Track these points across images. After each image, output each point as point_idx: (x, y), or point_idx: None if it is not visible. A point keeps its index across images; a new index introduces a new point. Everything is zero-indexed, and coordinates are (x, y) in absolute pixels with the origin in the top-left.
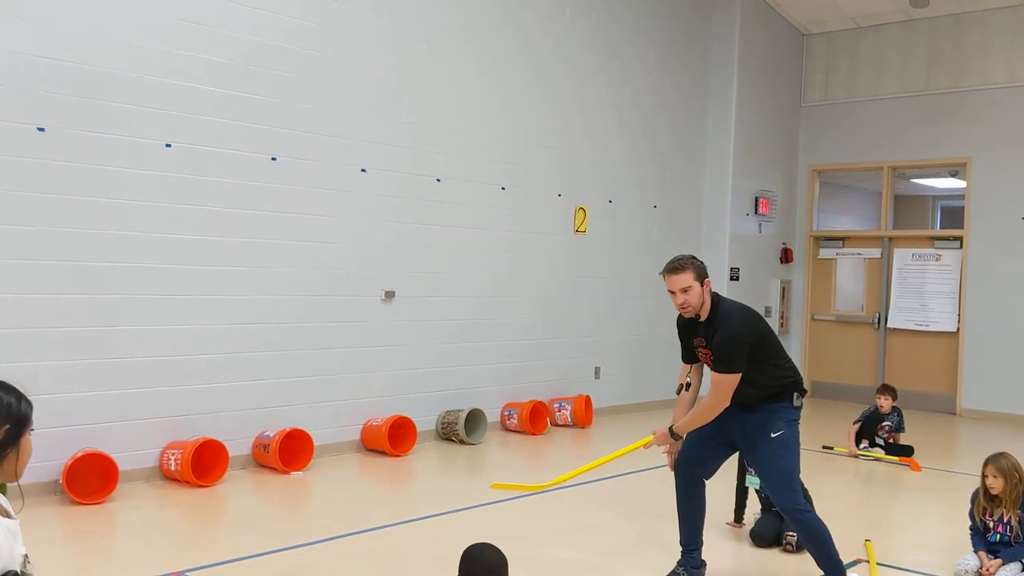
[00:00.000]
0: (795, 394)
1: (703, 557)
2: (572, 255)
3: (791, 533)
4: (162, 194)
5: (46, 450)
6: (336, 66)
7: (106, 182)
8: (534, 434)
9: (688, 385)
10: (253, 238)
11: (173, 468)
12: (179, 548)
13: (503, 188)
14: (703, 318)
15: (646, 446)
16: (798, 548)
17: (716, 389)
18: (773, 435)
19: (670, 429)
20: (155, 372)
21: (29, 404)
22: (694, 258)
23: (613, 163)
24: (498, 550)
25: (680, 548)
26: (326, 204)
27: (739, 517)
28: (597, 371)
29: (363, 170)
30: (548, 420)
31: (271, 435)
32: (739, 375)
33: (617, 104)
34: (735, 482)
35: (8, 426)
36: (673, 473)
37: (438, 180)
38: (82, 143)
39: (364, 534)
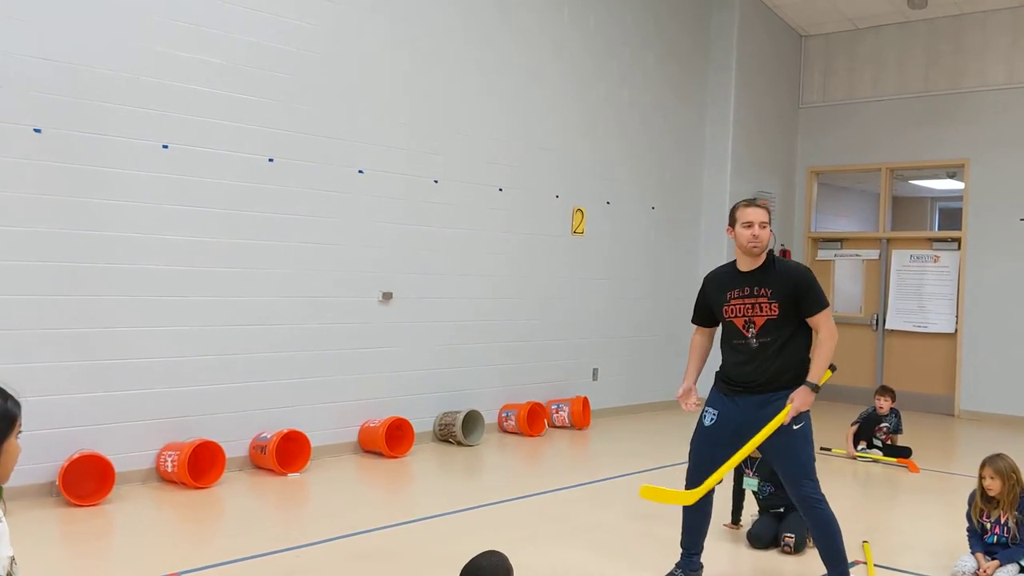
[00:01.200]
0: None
1: (701, 561)
2: (570, 256)
3: (789, 535)
4: (159, 195)
5: (42, 452)
6: (334, 67)
7: (103, 183)
8: (532, 436)
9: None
10: (250, 239)
11: (170, 470)
12: (176, 550)
13: (501, 189)
14: (757, 264)
15: (787, 417)
16: (796, 549)
17: (826, 324)
18: (795, 427)
19: (811, 385)
20: (152, 374)
21: (17, 404)
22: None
23: (611, 164)
24: (502, 558)
25: (680, 550)
26: (324, 205)
27: (736, 519)
28: (595, 373)
29: (361, 171)
30: (546, 422)
31: (268, 436)
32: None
33: (615, 105)
34: (732, 484)
35: None
36: (684, 479)
37: (436, 181)
38: (78, 144)
39: (361, 536)
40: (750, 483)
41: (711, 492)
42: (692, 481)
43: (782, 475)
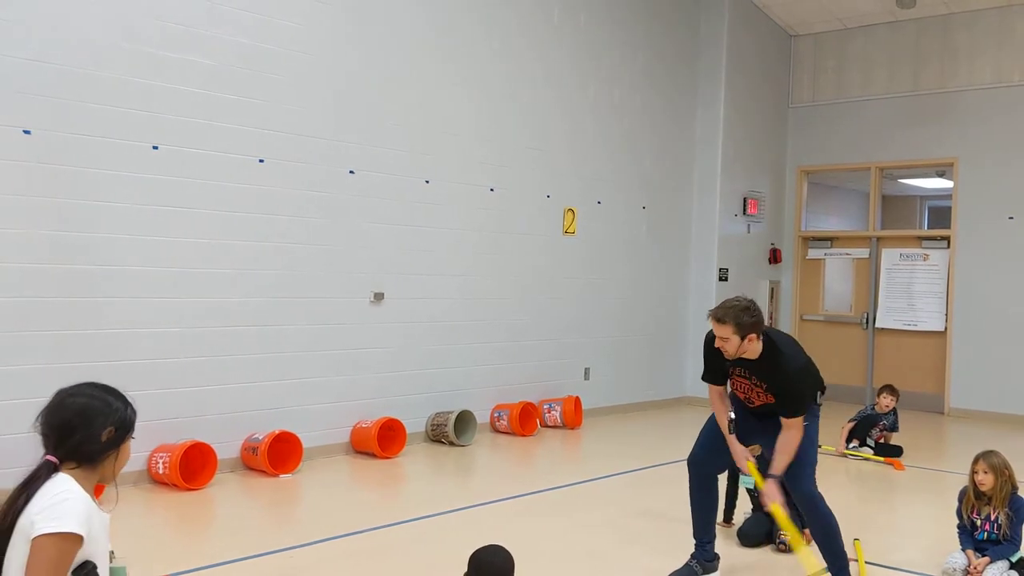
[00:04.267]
0: (818, 392)
1: (716, 551)
2: (561, 256)
3: (784, 531)
4: (149, 196)
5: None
6: (323, 68)
7: (93, 184)
8: (524, 435)
9: (733, 421)
10: (241, 240)
11: (161, 471)
12: (168, 552)
13: (492, 189)
14: (751, 358)
15: (781, 512)
16: (790, 548)
17: (796, 425)
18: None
19: (773, 477)
20: (143, 375)
21: (134, 411)
22: (744, 311)
23: (602, 164)
24: (506, 554)
25: (693, 541)
26: (314, 206)
27: (728, 517)
28: (587, 372)
29: (351, 172)
30: (538, 421)
31: (260, 438)
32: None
33: (606, 105)
34: (727, 483)
35: (114, 428)
36: (687, 469)
37: (427, 182)
38: (68, 145)
39: (354, 536)
40: (746, 480)
41: (715, 480)
42: (691, 470)
43: (785, 473)
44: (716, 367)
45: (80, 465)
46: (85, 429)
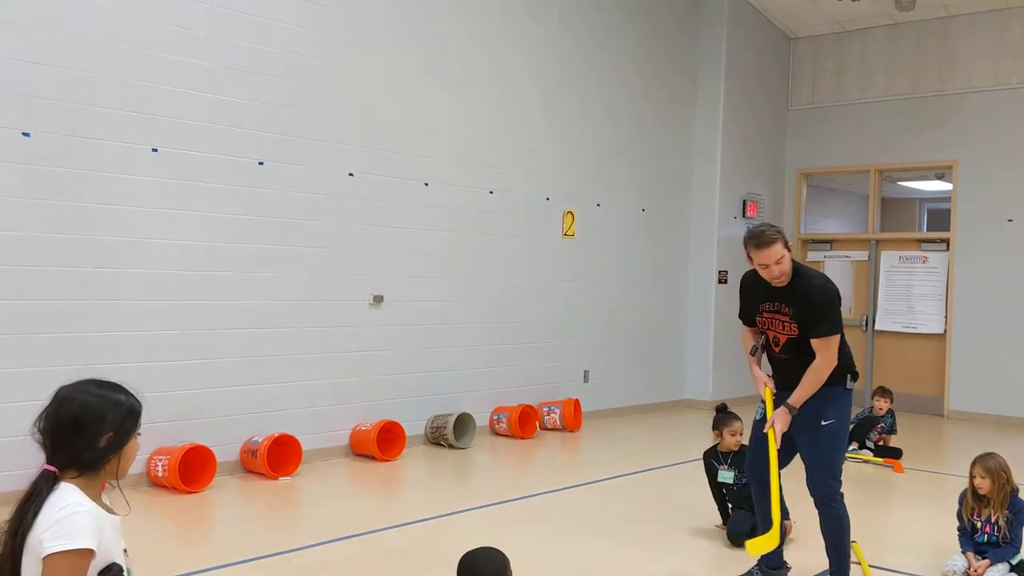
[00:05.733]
0: (848, 376)
1: (787, 561)
2: (560, 259)
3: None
4: (148, 199)
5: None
6: (324, 71)
7: (92, 187)
8: (523, 438)
9: (761, 346)
10: (240, 243)
11: (160, 474)
12: (167, 555)
13: (491, 192)
14: (783, 284)
15: (775, 439)
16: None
17: (826, 351)
18: (824, 423)
19: (787, 406)
20: (142, 377)
21: (140, 405)
22: (772, 225)
23: (601, 167)
24: (496, 553)
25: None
26: (314, 208)
27: (726, 519)
28: (586, 375)
29: (351, 174)
30: (537, 424)
31: (259, 440)
32: (840, 334)
33: (605, 108)
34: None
35: (113, 433)
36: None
37: (426, 184)
38: (68, 148)
39: (353, 539)
40: (725, 476)
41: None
42: (752, 467)
43: (808, 466)
44: (751, 306)
45: (81, 473)
46: (83, 435)
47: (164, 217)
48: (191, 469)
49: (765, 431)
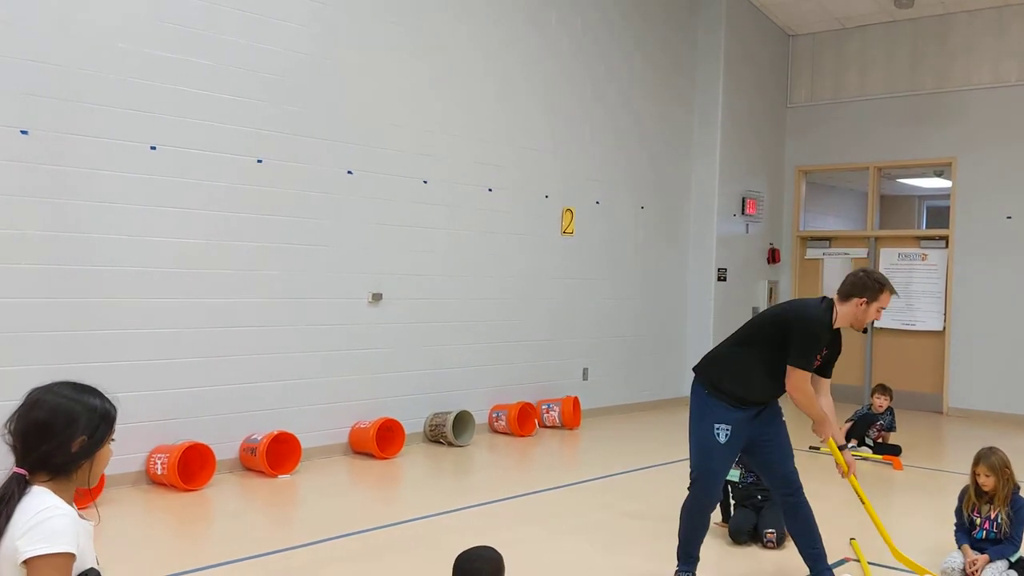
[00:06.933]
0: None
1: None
2: (560, 256)
3: (770, 530)
4: (147, 197)
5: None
6: (322, 68)
7: (90, 185)
8: (522, 436)
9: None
10: (239, 240)
11: (160, 472)
12: (166, 553)
13: (490, 190)
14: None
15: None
16: (778, 544)
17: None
18: (783, 419)
19: (843, 447)
20: (141, 375)
21: (114, 409)
22: None
23: (600, 164)
24: (491, 552)
25: (682, 556)
26: (313, 206)
27: (727, 516)
28: (585, 372)
29: (350, 172)
30: (536, 422)
31: (258, 438)
32: None
33: (603, 106)
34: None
35: (86, 438)
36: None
37: (425, 182)
38: (66, 146)
39: (352, 537)
40: (732, 474)
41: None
42: (707, 506)
43: (788, 459)
44: (819, 352)
45: (53, 477)
46: (54, 438)
47: (162, 215)
48: (190, 467)
49: (844, 476)
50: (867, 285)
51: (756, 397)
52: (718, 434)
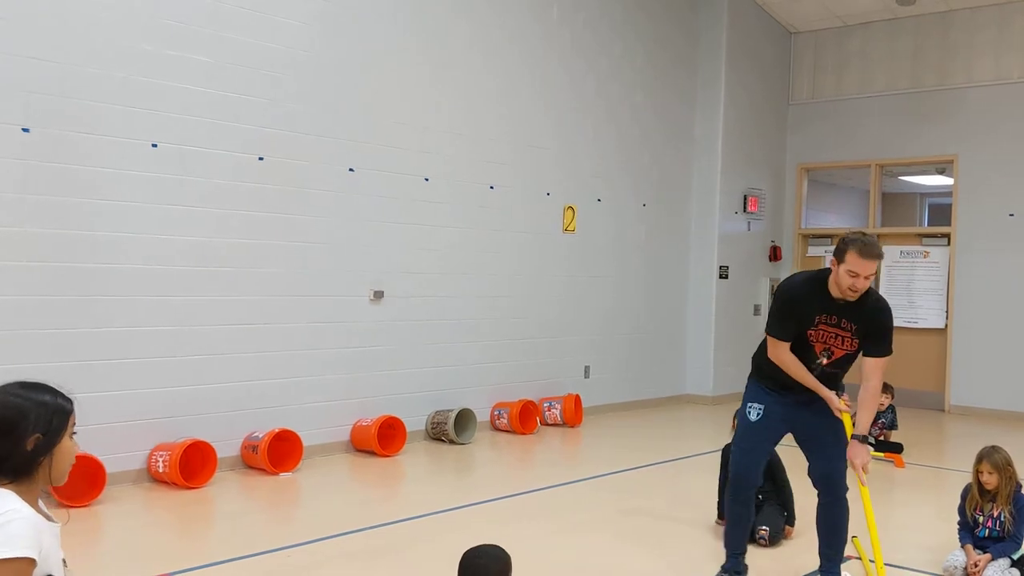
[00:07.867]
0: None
1: (746, 562)
2: (561, 254)
3: (764, 527)
4: (148, 195)
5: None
6: (323, 66)
7: (92, 183)
8: (524, 433)
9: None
10: (240, 238)
11: (161, 470)
12: (168, 550)
13: (492, 187)
14: (854, 299)
15: (862, 476)
16: (771, 542)
17: (881, 373)
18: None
19: (861, 437)
20: (143, 373)
21: (69, 401)
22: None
23: (601, 162)
24: (499, 551)
25: (725, 551)
26: (314, 204)
27: (723, 514)
28: (587, 370)
29: (351, 170)
30: (538, 419)
31: (260, 436)
32: None
33: (605, 103)
34: (719, 477)
35: (40, 434)
36: (731, 483)
37: (426, 179)
38: (67, 144)
39: (353, 535)
40: None
41: (753, 494)
42: (739, 478)
43: (831, 458)
44: (803, 319)
45: (13, 479)
46: (6, 439)
47: (164, 213)
48: (192, 465)
49: (857, 475)
50: (838, 246)
51: (792, 381)
52: (749, 412)
